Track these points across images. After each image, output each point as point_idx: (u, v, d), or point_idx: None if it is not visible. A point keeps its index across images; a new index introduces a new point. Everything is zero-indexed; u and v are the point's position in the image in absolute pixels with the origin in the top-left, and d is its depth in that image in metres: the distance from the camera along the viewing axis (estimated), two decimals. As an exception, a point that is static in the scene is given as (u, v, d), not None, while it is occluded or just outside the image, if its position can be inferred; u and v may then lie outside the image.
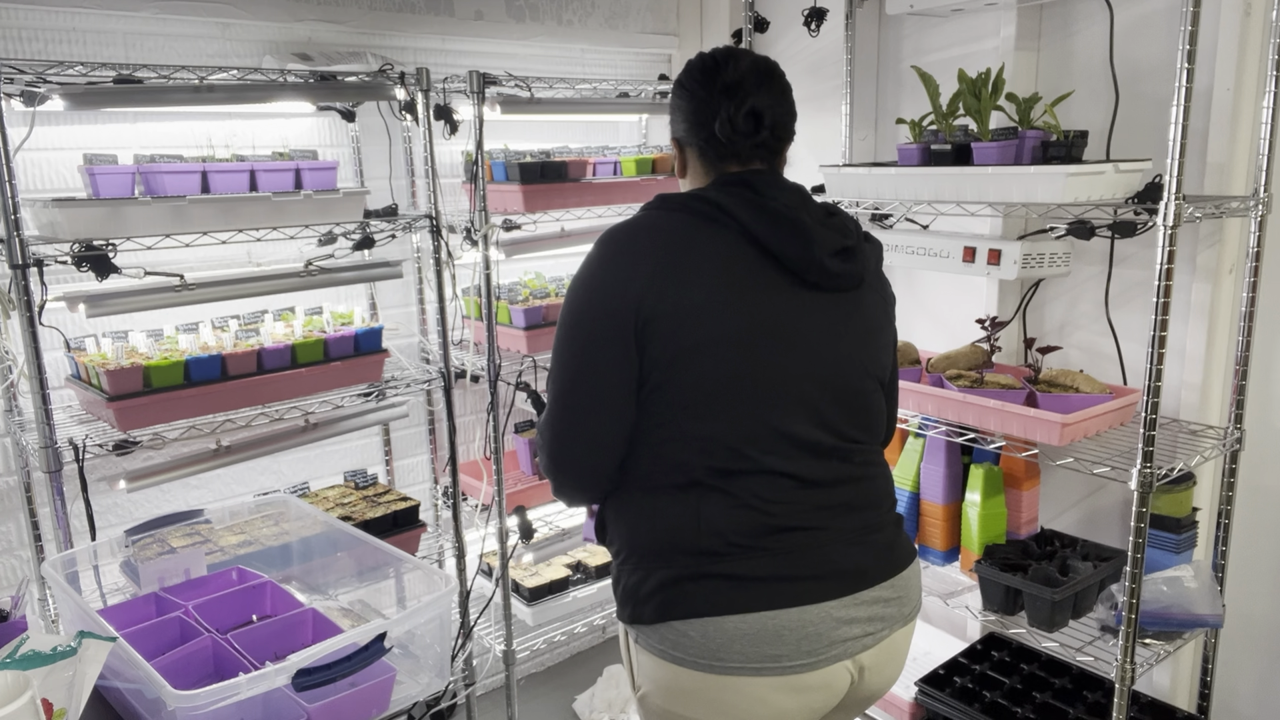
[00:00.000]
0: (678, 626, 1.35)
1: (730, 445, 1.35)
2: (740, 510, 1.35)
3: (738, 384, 1.34)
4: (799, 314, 1.38)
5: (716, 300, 1.33)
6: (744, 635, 1.33)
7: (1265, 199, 1.97)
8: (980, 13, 2.42)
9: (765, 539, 1.35)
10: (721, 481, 1.35)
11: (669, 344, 1.33)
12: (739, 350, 1.34)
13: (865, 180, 2.26)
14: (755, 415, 1.34)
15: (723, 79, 1.41)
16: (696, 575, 1.35)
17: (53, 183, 2.13)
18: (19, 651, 1.23)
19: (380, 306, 2.63)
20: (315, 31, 2.39)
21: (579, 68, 2.96)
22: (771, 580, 1.34)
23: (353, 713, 1.48)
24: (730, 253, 1.36)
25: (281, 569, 1.97)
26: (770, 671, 1.34)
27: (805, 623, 1.34)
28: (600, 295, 1.37)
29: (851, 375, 1.42)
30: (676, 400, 1.35)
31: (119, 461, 2.13)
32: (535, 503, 2.65)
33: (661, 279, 1.33)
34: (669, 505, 1.38)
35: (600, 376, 1.37)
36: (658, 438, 1.38)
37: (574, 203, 2.57)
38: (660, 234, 1.37)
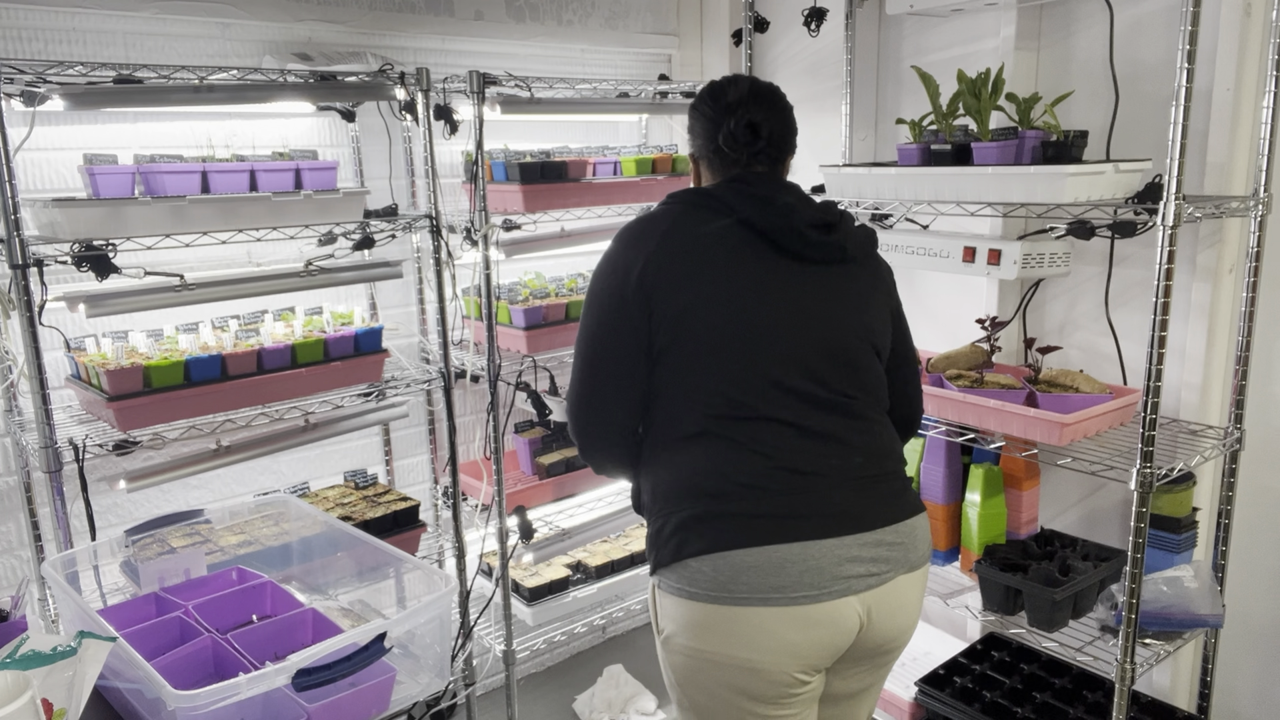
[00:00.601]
0: (691, 564, 1.48)
1: (729, 395, 1.50)
2: (744, 454, 1.49)
3: (730, 339, 1.50)
4: (786, 280, 1.55)
5: (708, 269, 1.52)
6: (750, 568, 1.44)
7: (1265, 199, 1.97)
8: (980, 13, 2.42)
9: (769, 480, 1.48)
10: (725, 429, 1.50)
11: (668, 309, 1.51)
12: (730, 310, 1.51)
13: (865, 180, 2.26)
14: (750, 367, 1.50)
15: (726, 99, 1.63)
16: (706, 515, 1.49)
17: (53, 183, 2.13)
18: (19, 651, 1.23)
19: (380, 306, 2.63)
20: (315, 31, 2.39)
21: (579, 68, 2.96)
22: (775, 517, 1.47)
23: (353, 713, 1.48)
24: (725, 234, 1.55)
25: (281, 569, 1.97)
26: (776, 602, 1.45)
27: (807, 556, 1.45)
28: (611, 277, 1.56)
29: (840, 336, 1.56)
30: (680, 360, 1.52)
31: (119, 461, 2.13)
32: (535, 503, 2.65)
33: (661, 255, 1.53)
34: (681, 455, 1.53)
35: (614, 347, 1.55)
36: (668, 397, 1.55)
37: (574, 203, 2.57)
38: (663, 220, 1.58)
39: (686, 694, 1.57)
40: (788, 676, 1.49)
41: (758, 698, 1.51)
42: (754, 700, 1.51)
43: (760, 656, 1.47)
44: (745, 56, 2.59)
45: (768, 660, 1.47)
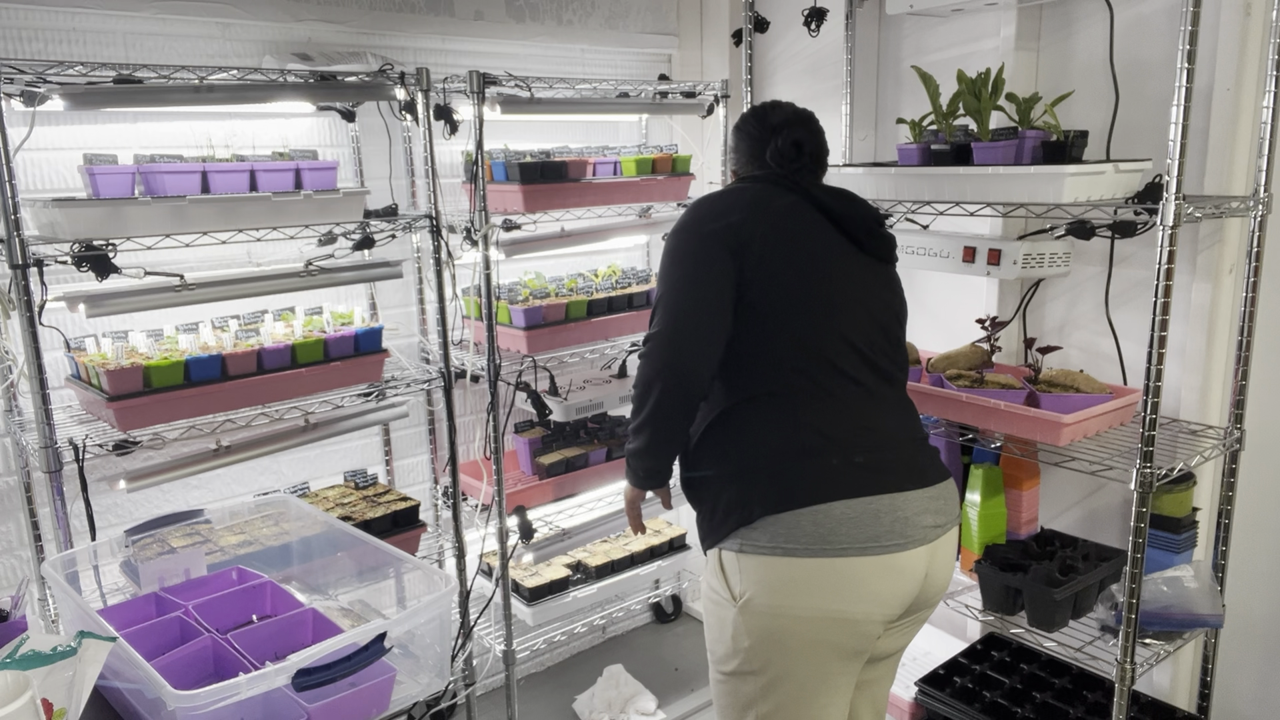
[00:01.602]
0: (786, 519, 1.54)
1: (812, 347, 1.61)
2: (831, 407, 1.60)
3: (814, 298, 1.63)
4: (852, 260, 1.71)
5: (794, 234, 1.66)
6: (849, 519, 1.53)
7: (1265, 199, 1.97)
8: (980, 13, 2.42)
9: (857, 435, 1.60)
10: (809, 382, 1.61)
11: (759, 262, 1.61)
12: (813, 273, 1.64)
13: (865, 180, 2.26)
14: (829, 325, 1.62)
15: (770, 120, 1.81)
16: (798, 470, 1.56)
17: (53, 183, 2.13)
18: (19, 651, 1.23)
19: (380, 306, 2.63)
20: (315, 31, 2.39)
21: (579, 68, 2.96)
22: (867, 469, 1.57)
23: (353, 713, 1.48)
24: (798, 208, 1.70)
25: (281, 569, 1.97)
26: (872, 550, 1.53)
27: (896, 506, 1.56)
28: (698, 235, 1.67)
29: (889, 318, 1.72)
30: (766, 312, 1.62)
31: (119, 461, 2.13)
32: (535, 503, 2.65)
33: (752, 215, 1.66)
34: (767, 411, 1.62)
35: (704, 294, 1.62)
36: (752, 351, 1.63)
37: (574, 203, 2.57)
38: (746, 191, 1.73)
39: (763, 656, 1.60)
40: (876, 627, 1.57)
41: (843, 652, 1.58)
42: (838, 655, 1.58)
43: (854, 607, 1.54)
44: (745, 56, 2.59)
45: (860, 610, 1.55)
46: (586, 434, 2.84)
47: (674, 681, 3.06)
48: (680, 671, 3.13)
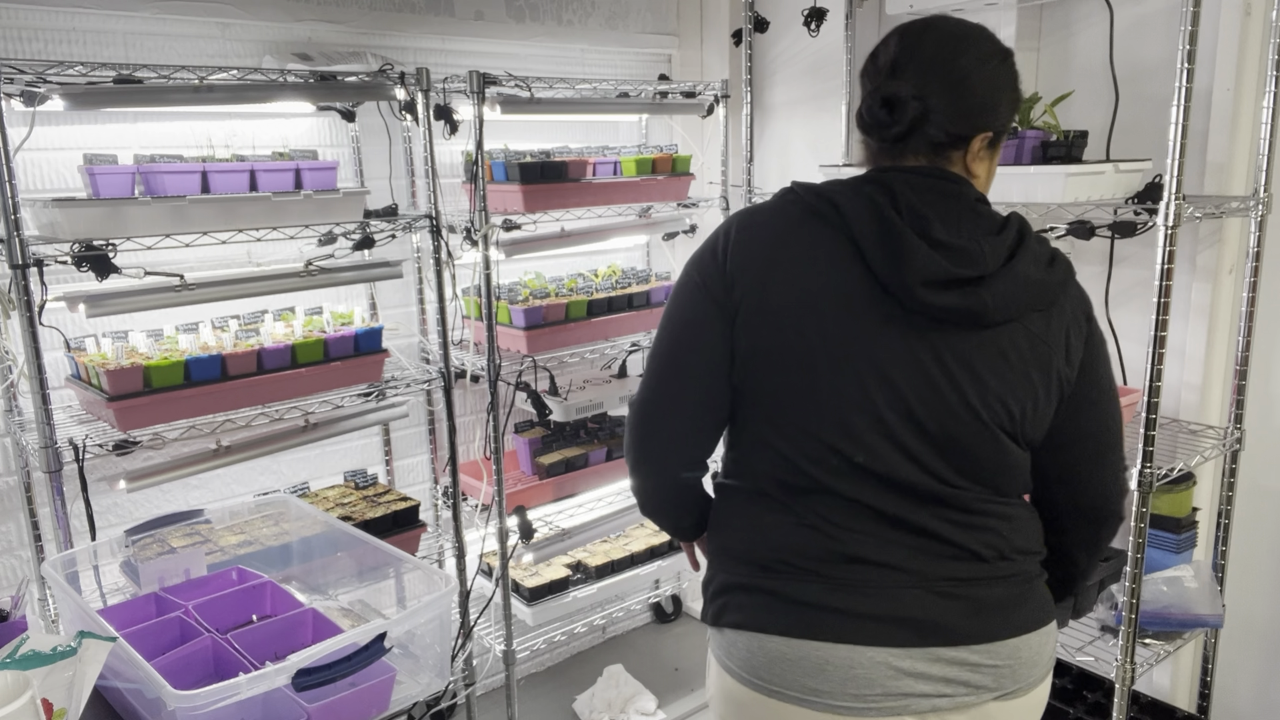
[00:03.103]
0: (730, 635, 1.31)
1: (793, 461, 1.26)
2: (802, 530, 1.26)
3: (799, 400, 1.25)
4: (889, 340, 1.22)
5: (794, 307, 1.24)
6: (786, 659, 1.25)
7: (1265, 199, 1.97)
8: (980, 13, 2.42)
9: (826, 565, 1.25)
10: (785, 496, 1.28)
11: (746, 338, 1.26)
12: (804, 364, 1.23)
13: (865, 180, 2.26)
14: (817, 436, 1.24)
15: (876, 59, 1.29)
16: (750, 587, 1.29)
17: (53, 183, 2.13)
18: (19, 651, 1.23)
19: (380, 306, 2.63)
20: (315, 31, 2.39)
21: (579, 68, 2.96)
22: (822, 609, 1.24)
23: (353, 713, 1.48)
24: (828, 258, 1.24)
25: (281, 569, 1.97)
26: (814, 705, 1.24)
27: (854, 663, 1.22)
28: (701, 270, 1.31)
29: (950, 416, 1.22)
30: (752, 402, 1.29)
31: (119, 461, 2.13)
32: (535, 503, 2.65)
33: (755, 270, 1.26)
34: (737, 510, 1.35)
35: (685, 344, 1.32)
36: (738, 439, 1.34)
37: (574, 203, 2.57)
38: (771, 222, 1.30)
39: None
40: None
41: None
42: None
43: None
44: (745, 56, 2.59)
45: None
46: (586, 434, 2.84)
47: (674, 681, 3.06)
48: (680, 671, 3.13)
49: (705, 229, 3.14)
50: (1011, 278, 1.22)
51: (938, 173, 1.27)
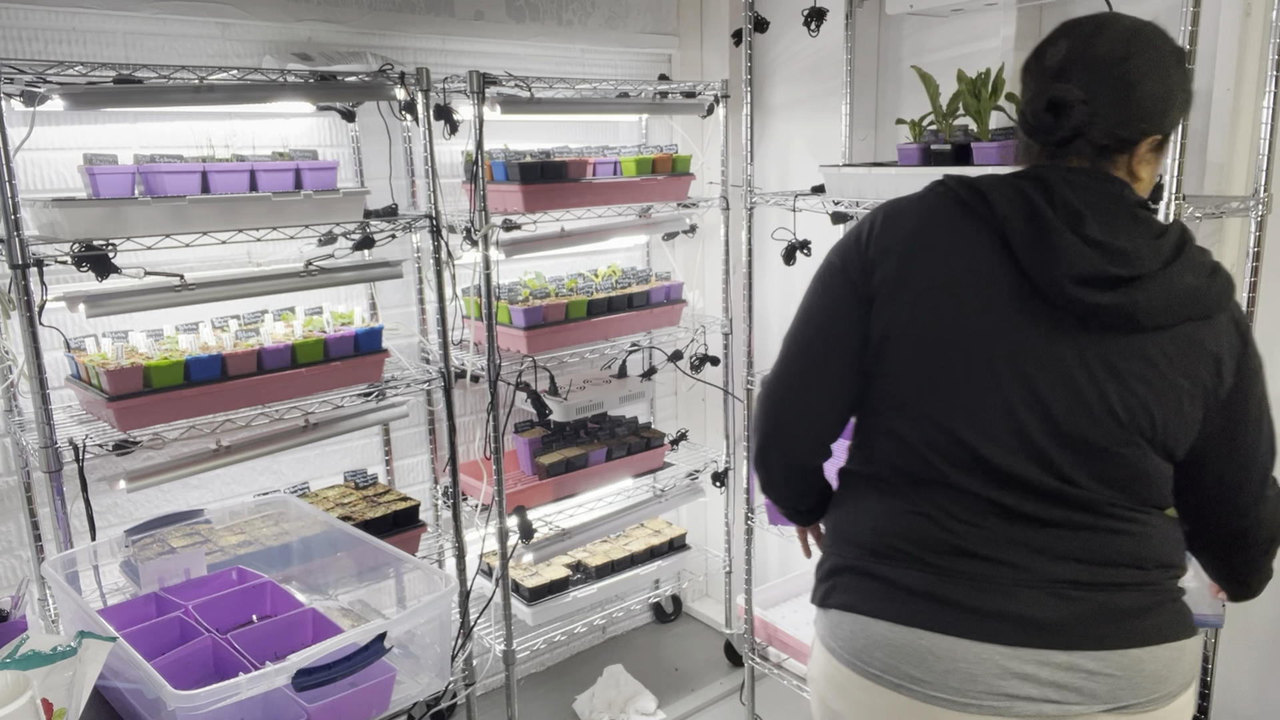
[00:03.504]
0: (834, 615, 1.32)
1: (915, 448, 1.26)
2: (915, 518, 1.26)
3: (929, 389, 1.24)
4: (1030, 336, 1.20)
5: (933, 295, 1.23)
6: (889, 645, 1.24)
7: (1265, 199, 1.97)
8: (980, 13, 2.42)
9: (935, 555, 1.24)
10: (903, 483, 1.28)
11: (881, 323, 1.27)
12: (939, 353, 1.23)
13: (865, 180, 2.26)
14: (943, 425, 1.23)
15: (1044, 61, 1.25)
16: (858, 569, 1.31)
17: (53, 183, 2.13)
18: (19, 651, 1.23)
19: (380, 306, 2.63)
20: (315, 31, 2.39)
21: (579, 68, 2.96)
22: (929, 599, 1.23)
23: (353, 713, 1.48)
24: (972, 250, 1.23)
25: (281, 569, 1.97)
26: (911, 693, 1.23)
27: (958, 656, 1.20)
28: (842, 255, 1.33)
29: (1088, 418, 1.18)
30: (881, 388, 1.30)
31: (119, 461, 2.13)
32: (535, 503, 2.65)
33: (897, 256, 1.26)
34: (854, 495, 1.36)
35: (821, 326, 1.34)
36: (863, 425, 1.36)
37: (574, 203, 2.57)
38: (918, 211, 1.29)
39: None
40: None
41: None
42: None
43: None
44: (745, 56, 2.59)
45: None
46: (586, 434, 2.84)
47: (674, 681, 3.06)
48: (680, 671, 3.13)
49: (705, 229, 3.14)
50: (1167, 283, 1.17)
51: (1099, 174, 1.23)
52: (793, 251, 2.58)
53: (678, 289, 2.87)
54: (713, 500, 3.25)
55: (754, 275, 2.68)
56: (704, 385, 3.19)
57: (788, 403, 1.37)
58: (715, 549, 3.31)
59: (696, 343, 3.01)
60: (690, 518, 3.42)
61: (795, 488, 1.47)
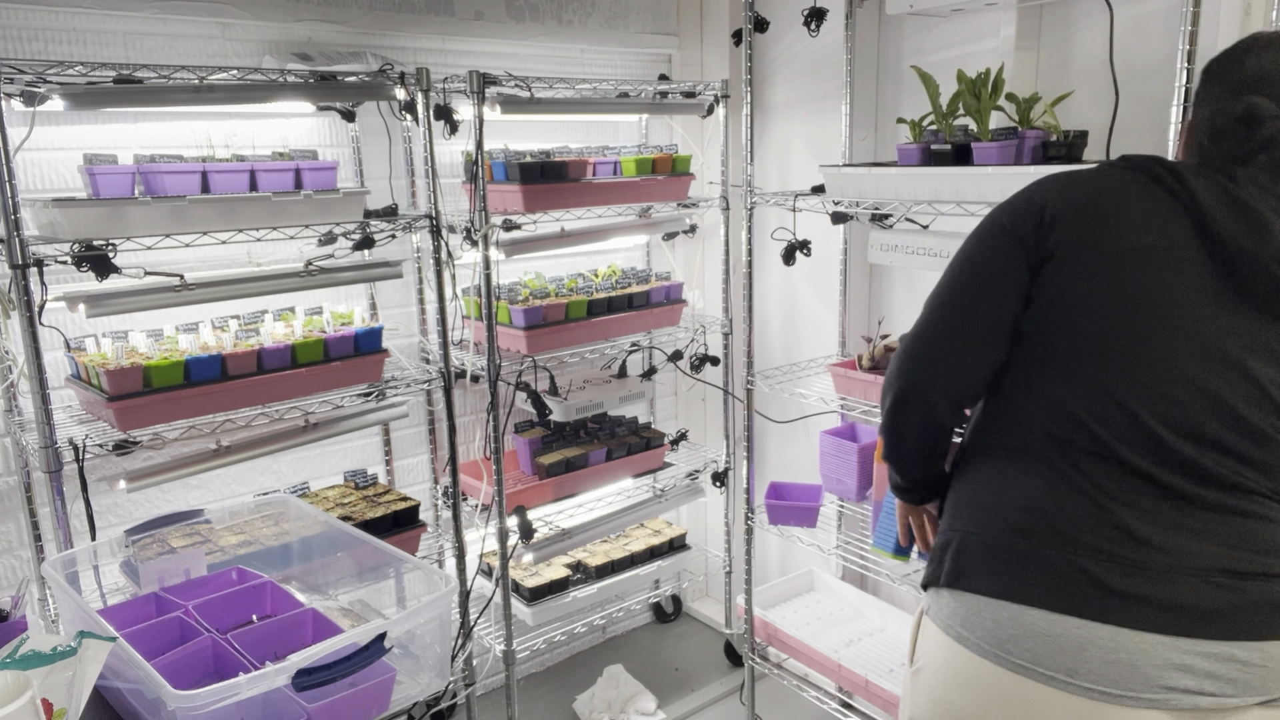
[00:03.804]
0: (971, 600, 1.23)
1: (1077, 417, 1.21)
2: (1072, 495, 1.21)
3: (1105, 356, 1.21)
4: (1213, 316, 1.19)
5: (1121, 261, 1.21)
6: (1041, 634, 1.17)
7: (1265, 199, 1.97)
8: (980, 13, 2.42)
9: (1098, 536, 1.18)
10: (1057, 453, 1.23)
11: (1055, 284, 1.24)
12: (1120, 321, 1.20)
13: (865, 180, 2.26)
14: (1115, 395, 1.20)
15: (1242, 70, 1.26)
16: (1004, 550, 1.22)
17: (53, 183, 2.13)
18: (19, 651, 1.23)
19: (380, 306, 2.63)
20: (315, 31, 2.39)
21: (579, 68, 2.96)
22: (1090, 583, 1.17)
23: (353, 713, 1.48)
24: (1163, 223, 1.22)
25: (281, 569, 1.97)
26: (1061, 685, 1.16)
27: (1119, 647, 1.14)
28: (1010, 214, 1.31)
29: (1262, 408, 1.18)
30: (1032, 352, 1.27)
31: (119, 461, 2.13)
32: (535, 503, 2.65)
33: (1081, 216, 1.24)
34: (994, 467, 1.30)
35: (980, 284, 1.30)
36: (1007, 390, 1.31)
37: (574, 203, 2.57)
38: (1099, 181, 1.28)
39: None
40: None
41: None
42: None
43: None
44: (745, 56, 2.59)
45: None
46: (586, 434, 2.84)
47: (674, 681, 3.06)
48: (680, 671, 3.13)
49: (705, 229, 3.14)
50: None
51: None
52: (793, 251, 2.58)
53: (678, 289, 2.87)
54: (713, 500, 3.25)
55: (754, 275, 2.68)
56: (704, 385, 3.19)
57: (936, 357, 1.33)
58: (715, 549, 3.31)
59: (696, 343, 3.01)
60: (690, 518, 3.42)
61: (926, 451, 1.43)
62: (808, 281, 2.97)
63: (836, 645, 2.59)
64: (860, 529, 2.63)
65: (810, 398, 2.51)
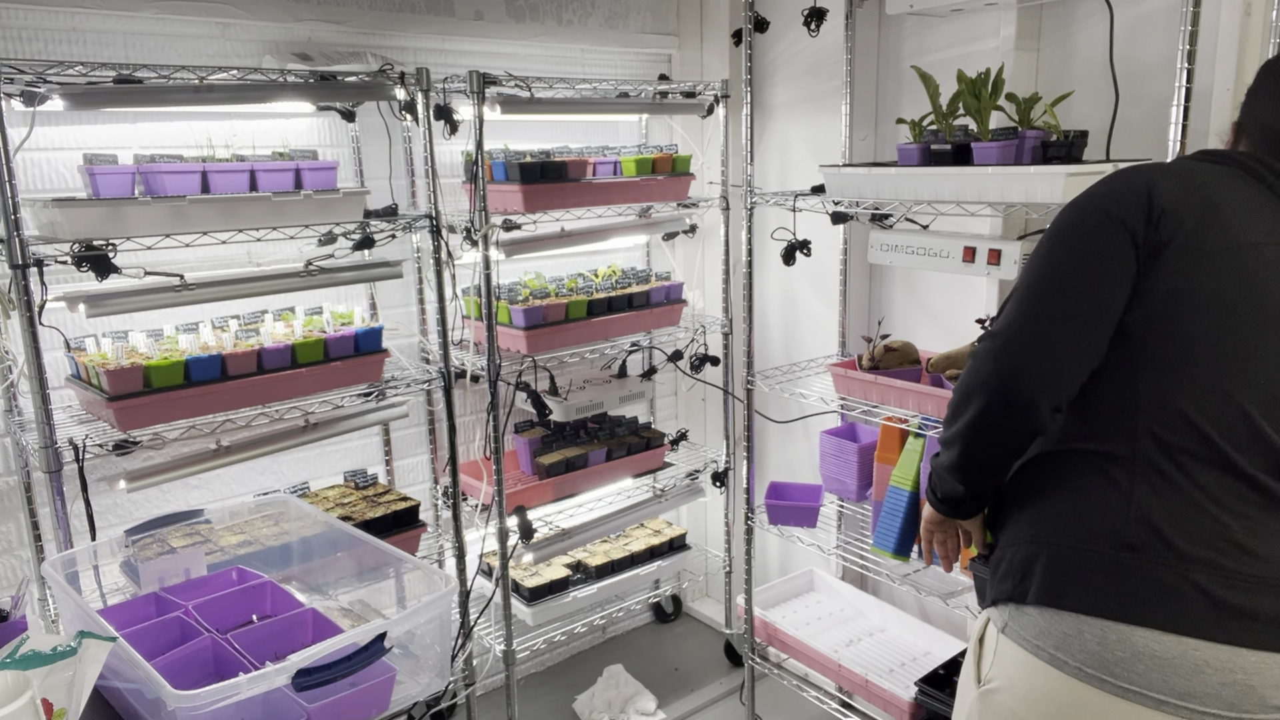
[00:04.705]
0: (1070, 619, 1.15)
1: (1193, 421, 1.14)
2: (1183, 505, 1.13)
3: (1225, 356, 1.14)
4: None
5: (1238, 255, 1.15)
6: (1153, 656, 1.10)
7: (1265, 199, 1.97)
8: (980, 13, 2.42)
9: (1213, 551, 1.12)
10: (1165, 459, 1.15)
11: (1171, 279, 1.16)
12: (1239, 320, 1.14)
13: (865, 180, 2.26)
14: (1233, 399, 1.14)
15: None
16: (1109, 567, 1.14)
17: (53, 183, 2.13)
18: (19, 651, 1.23)
19: (380, 306, 2.63)
20: (315, 31, 2.39)
21: (579, 68, 2.96)
22: (1206, 601, 1.10)
23: (353, 713, 1.48)
24: (1265, 213, 1.19)
25: (281, 569, 1.97)
26: (1173, 710, 1.10)
27: (1236, 668, 1.09)
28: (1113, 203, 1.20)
29: None
30: (1140, 351, 1.18)
31: (119, 461, 2.13)
32: (535, 503, 2.65)
33: (1194, 208, 1.17)
34: (1090, 475, 1.20)
35: (1085, 278, 1.19)
36: (1100, 395, 1.20)
37: (574, 203, 2.57)
38: (1202, 175, 1.22)
39: None
40: None
41: None
42: None
43: None
44: (745, 56, 2.59)
45: None
46: (586, 434, 2.84)
47: (674, 681, 3.06)
48: (680, 671, 3.13)
49: (705, 229, 3.14)
50: None
51: None
52: (793, 251, 2.58)
53: (678, 289, 2.87)
54: (713, 500, 3.25)
55: (754, 275, 2.68)
56: (704, 385, 3.19)
57: (1040, 355, 1.20)
58: (715, 549, 3.31)
59: (696, 343, 3.01)
60: (690, 518, 3.42)
61: (1001, 459, 1.31)
62: (808, 281, 2.97)
63: (836, 645, 2.59)
64: (860, 529, 2.63)
65: (810, 398, 2.52)
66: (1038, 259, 1.24)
